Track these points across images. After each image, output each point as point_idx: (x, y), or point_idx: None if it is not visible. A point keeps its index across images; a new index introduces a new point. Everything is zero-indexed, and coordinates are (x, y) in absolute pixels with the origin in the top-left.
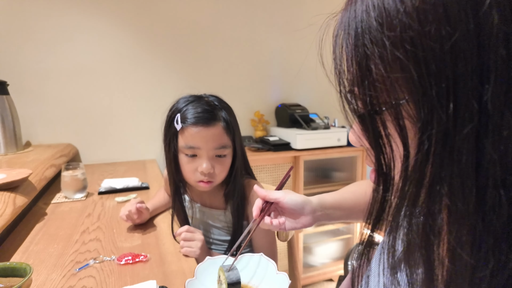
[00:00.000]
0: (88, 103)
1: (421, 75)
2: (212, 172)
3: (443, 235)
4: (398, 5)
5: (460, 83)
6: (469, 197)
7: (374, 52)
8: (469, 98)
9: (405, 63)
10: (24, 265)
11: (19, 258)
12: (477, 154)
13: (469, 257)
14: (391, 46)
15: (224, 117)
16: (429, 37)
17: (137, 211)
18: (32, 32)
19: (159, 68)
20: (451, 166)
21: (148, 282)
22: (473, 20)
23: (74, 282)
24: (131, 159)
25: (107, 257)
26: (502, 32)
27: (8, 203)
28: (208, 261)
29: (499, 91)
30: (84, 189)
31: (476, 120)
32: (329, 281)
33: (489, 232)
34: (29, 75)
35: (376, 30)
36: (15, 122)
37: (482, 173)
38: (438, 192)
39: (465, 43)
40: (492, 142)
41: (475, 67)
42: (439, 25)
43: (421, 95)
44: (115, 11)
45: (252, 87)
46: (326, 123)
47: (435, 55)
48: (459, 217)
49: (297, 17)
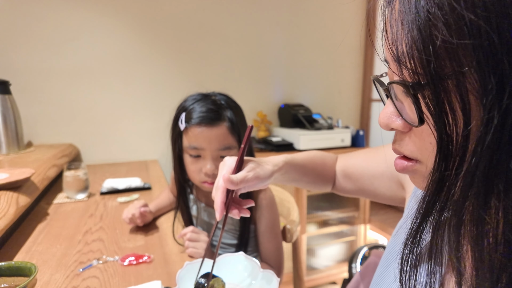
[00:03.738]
0: (90, 103)
1: (492, 42)
2: (217, 173)
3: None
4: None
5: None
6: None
7: (438, 16)
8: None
9: (476, 29)
10: (29, 264)
11: (22, 258)
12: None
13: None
14: (460, 10)
15: (230, 117)
16: (505, 2)
17: (141, 215)
18: (34, 32)
19: (162, 68)
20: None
21: (153, 282)
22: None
23: (78, 282)
24: (133, 159)
25: (110, 258)
26: None
27: (11, 202)
28: (188, 266)
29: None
30: (86, 189)
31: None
32: (333, 284)
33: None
34: (31, 74)
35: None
36: (17, 122)
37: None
38: (507, 173)
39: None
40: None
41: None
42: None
43: (491, 64)
44: (117, 11)
45: (255, 87)
46: (329, 123)
47: (510, 22)
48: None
49: (300, 16)
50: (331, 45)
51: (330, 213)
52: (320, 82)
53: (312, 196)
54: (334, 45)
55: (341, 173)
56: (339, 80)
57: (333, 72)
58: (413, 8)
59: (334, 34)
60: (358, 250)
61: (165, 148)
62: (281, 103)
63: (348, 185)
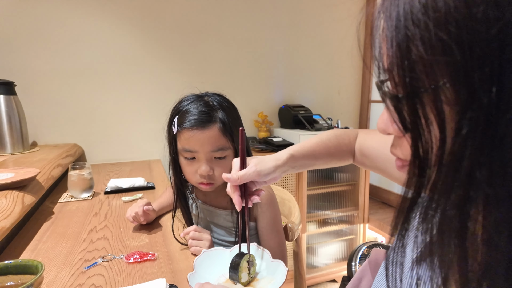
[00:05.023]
0: (94, 103)
1: (464, 58)
2: (212, 174)
3: (476, 225)
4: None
5: (506, 68)
6: (510, 183)
7: (415, 34)
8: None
9: (448, 46)
10: (35, 262)
11: (28, 256)
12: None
13: (506, 245)
14: (434, 28)
15: (221, 118)
16: (476, 20)
17: (144, 213)
18: (39, 34)
19: (164, 69)
20: (491, 151)
21: (158, 280)
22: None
23: (83, 280)
24: (136, 159)
25: (115, 256)
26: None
27: (16, 201)
28: (205, 254)
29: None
30: (90, 188)
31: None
32: (333, 282)
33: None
34: (36, 75)
35: (419, 12)
36: (22, 122)
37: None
38: (476, 177)
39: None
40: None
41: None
42: (486, 8)
43: (462, 79)
44: (121, 13)
45: (256, 88)
46: (329, 124)
47: (481, 39)
48: (498, 204)
49: (301, 18)
50: (330, 47)
51: (329, 212)
52: (320, 84)
53: (312, 195)
54: (333, 47)
55: (359, 151)
56: (338, 82)
57: (333, 74)
58: (394, 26)
59: (333, 36)
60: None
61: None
62: (281, 104)
63: (366, 162)
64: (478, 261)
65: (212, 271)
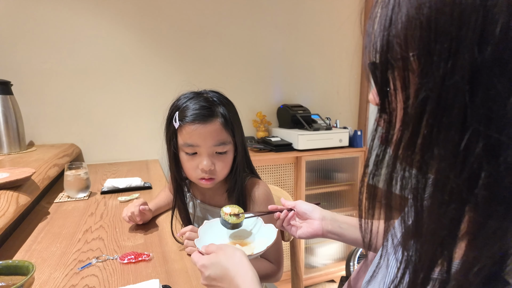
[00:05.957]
0: (91, 103)
1: (429, 34)
2: (213, 169)
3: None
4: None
5: (460, 45)
6: (452, 145)
7: (398, 14)
8: (465, 59)
9: (420, 24)
10: (26, 263)
11: (22, 257)
12: (465, 110)
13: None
14: (412, 9)
15: (223, 113)
16: (443, 2)
17: (140, 213)
18: (36, 33)
19: (162, 68)
20: (442, 116)
21: (151, 281)
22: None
23: (77, 280)
24: (133, 159)
25: (109, 256)
26: (505, 5)
27: (11, 201)
28: (207, 224)
29: (492, 58)
30: (87, 188)
31: (467, 78)
32: (331, 282)
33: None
34: (32, 75)
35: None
36: (19, 122)
37: (467, 126)
38: (431, 138)
39: (472, 12)
40: (481, 98)
41: (477, 34)
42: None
43: (426, 52)
44: (118, 12)
45: (254, 88)
46: (327, 124)
47: (446, 19)
48: (445, 162)
49: (299, 18)
50: (329, 47)
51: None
52: (319, 83)
53: (310, 195)
54: (332, 46)
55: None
56: (337, 82)
57: (332, 74)
58: (384, 16)
59: (332, 36)
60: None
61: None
62: (280, 103)
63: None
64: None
65: (215, 239)
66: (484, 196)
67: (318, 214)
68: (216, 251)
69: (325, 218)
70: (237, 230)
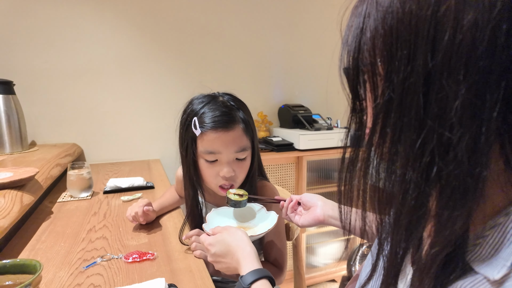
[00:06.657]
0: (93, 103)
1: (392, 43)
2: (234, 175)
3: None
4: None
5: (417, 51)
6: (411, 142)
7: (368, 25)
8: (420, 65)
9: (385, 33)
10: (34, 261)
11: (27, 256)
12: (421, 110)
13: (401, 173)
14: (380, 20)
15: (242, 118)
16: (404, 13)
17: (144, 213)
18: (38, 33)
19: (163, 68)
20: (404, 116)
21: (157, 279)
22: (433, 5)
23: (82, 279)
24: (135, 159)
25: (114, 255)
26: (452, 17)
27: (15, 201)
28: (214, 212)
29: (442, 63)
30: (89, 188)
31: (422, 82)
32: (332, 281)
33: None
34: (35, 75)
35: (374, 8)
36: (21, 122)
37: (424, 125)
38: (394, 136)
39: (425, 22)
40: (434, 100)
41: (430, 42)
42: (412, 5)
43: (389, 57)
44: (120, 12)
45: (255, 88)
46: (329, 123)
47: (405, 28)
48: (405, 158)
49: (300, 18)
50: (330, 47)
51: None
52: (320, 83)
53: None
54: (333, 46)
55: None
56: (338, 82)
57: (332, 74)
58: (356, 25)
59: (333, 36)
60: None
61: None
62: (281, 103)
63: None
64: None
65: (221, 224)
66: (437, 188)
67: (321, 200)
68: (221, 231)
69: (327, 203)
70: (241, 214)
